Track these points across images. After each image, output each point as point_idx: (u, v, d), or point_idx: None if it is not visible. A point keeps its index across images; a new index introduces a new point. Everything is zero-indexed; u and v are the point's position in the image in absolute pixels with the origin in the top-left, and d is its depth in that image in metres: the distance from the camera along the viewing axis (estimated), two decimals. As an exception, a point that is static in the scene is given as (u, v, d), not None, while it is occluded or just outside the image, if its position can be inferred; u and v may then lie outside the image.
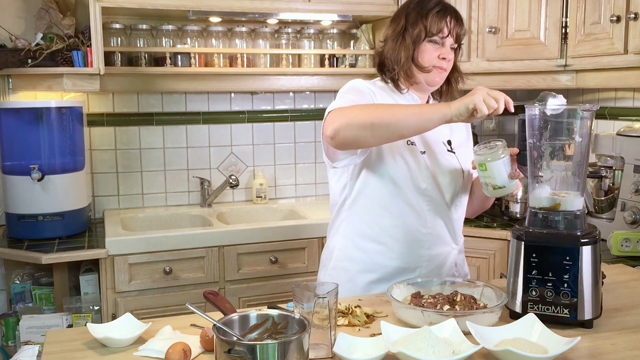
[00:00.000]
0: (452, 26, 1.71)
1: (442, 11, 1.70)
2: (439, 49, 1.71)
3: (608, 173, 2.46)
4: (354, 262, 1.79)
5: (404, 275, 1.73)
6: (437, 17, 1.69)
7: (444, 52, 1.71)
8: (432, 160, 1.75)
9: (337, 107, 1.59)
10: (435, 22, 1.69)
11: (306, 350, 1.14)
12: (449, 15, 1.71)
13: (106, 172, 3.00)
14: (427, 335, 1.21)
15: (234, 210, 3.07)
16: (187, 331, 1.41)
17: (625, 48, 2.32)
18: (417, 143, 1.74)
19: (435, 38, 1.70)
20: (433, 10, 1.70)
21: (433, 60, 1.71)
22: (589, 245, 1.38)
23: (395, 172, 1.71)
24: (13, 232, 2.59)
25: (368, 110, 1.56)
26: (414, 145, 1.73)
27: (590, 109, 1.42)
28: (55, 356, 1.30)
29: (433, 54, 1.70)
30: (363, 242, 1.77)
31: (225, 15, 2.84)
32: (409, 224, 1.73)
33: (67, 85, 2.58)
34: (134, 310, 2.37)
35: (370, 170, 1.72)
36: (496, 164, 1.58)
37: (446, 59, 1.71)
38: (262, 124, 3.22)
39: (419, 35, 1.70)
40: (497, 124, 3.50)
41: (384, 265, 1.76)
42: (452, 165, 1.78)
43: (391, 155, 1.71)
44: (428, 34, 1.69)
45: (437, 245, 1.77)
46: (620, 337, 1.35)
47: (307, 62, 3.05)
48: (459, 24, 1.73)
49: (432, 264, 1.77)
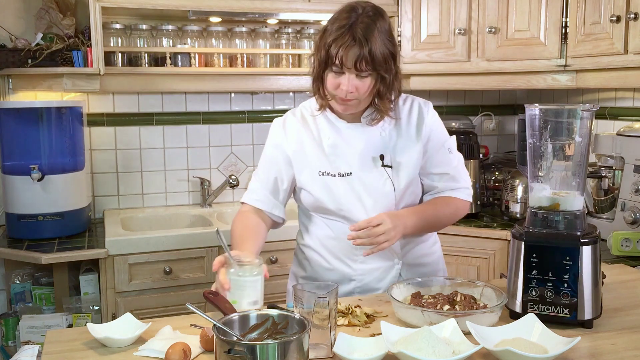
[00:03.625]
0: (349, 55, 1.52)
1: (340, 38, 1.52)
2: (339, 79, 1.57)
3: (608, 173, 2.46)
4: (302, 268, 1.87)
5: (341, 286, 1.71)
6: (335, 46, 1.52)
7: (344, 83, 1.56)
8: (353, 182, 1.70)
9: (251, 181, 1.82)
10: (332, 50, 1.53)
11: (306, 350, 1.14)
12: (347, 42, 1.51)
13: (106, 172, 3.00)
14: (427, 335, 1.22)
15: (234, 210, 3.05)
16: (187, 331, 1.41)
17: (625, 48, 2.32)
18: (342, 164, 1.70)
19: (335, 67, 1.56)
20: (333, 34, 1.54)
21: (332, 91, 1.60)
22: (589, 245, 1.38)
23: (311, 201, 1.76)
24: (13, 232, 2.58)
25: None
26: (328, 175, 1.71)
27: (590, 109, 1.42)
28: (55, 356, 1.30)
29: (333, 83, 1.59)
30: (307, 250, 1.84)
31: (225, 15, 2.84)
32: (341, 238, 1.72)
33: (67, 85, 2.58)
34: (134, 310, 2.36)
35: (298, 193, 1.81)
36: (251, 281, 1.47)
37: (345, 90, 1.57)
38: (262, 124, 3.21)
39: (321, 61, 1.58)
40: (497, 124, 3.50)
41: (323, 274, 1.80)
42: (380, 183, 1.70)
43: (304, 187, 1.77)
44: (328, 62, 1.56)
45: (372, 261, 1.74)
46: (620, 337, 1.35)
47: (307, 62, 3.05)
48: (361, 49, 1.51)
49: (368, 278, 1.76)
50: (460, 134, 2.79)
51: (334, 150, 1.72)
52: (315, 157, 1.74)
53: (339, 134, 1.73)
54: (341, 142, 1.72)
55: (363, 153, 1.71)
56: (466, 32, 2.78)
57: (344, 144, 1.72)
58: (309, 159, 1.74)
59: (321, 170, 1.72)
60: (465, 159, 2.90)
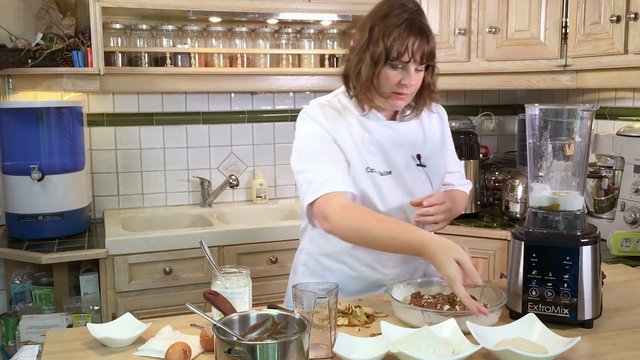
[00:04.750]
0: (415, 48, 1.53)
1: (405, 31, 1.52)
2: (400, 74, 1.56)
3: (608, 173, 2.46)
4: (317, 278, 1.75)
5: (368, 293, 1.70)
6: (399, 38, 1.51)
7: (406, 78, 1.56)
8: (396, 181, 1.67)
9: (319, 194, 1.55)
10: (397, 44, 1.52)
11: (306, 350, 1.14)
12: (413, 35, 1.52)
13: (106, 172, 3.00)
14: (427, 335, 1.21)
15: (234, 210, 3.07)
16: (187, 331, 1.41)
17: (625, 48, 2.32)
18: (381, 162, 1.66)
19: (397, 62, 1.54)
20: (397, 29, 1.52)
21: (393, 87, 1.57)
22: (589, 245, 1.38)
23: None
24: (13, 232, 2.59)
25: (356, 233, 1.52)
26: (375, 172, 1.65)
27: (590, 109, 1.42)
28: (55, 356, 1.30)
29: (393, 79, 1.56)
30: (327, 260, 1.75)
31: (225, 15, 2.84)
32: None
33: (67, 85, 2.58)
34: (134, 310, 2.37)
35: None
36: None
37: (407, 85, 1.57)
38: (262, 124, 3.22)
39: (380, 56, 1.54)
40: (497, 124, 3.51)
41: (348, 283, 1.71)
42: (419, 183, 1.70)
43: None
44: (389, 57, 1.53)
45: (403, 264, 1.73)
46: (620, 337, 1.35)
47: (307, 62, 3.05)
48: (424, 43, 1.54)
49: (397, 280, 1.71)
50: (460, 134, 2.79)
51: (374, 147, 1.66)
52: (357, 153, 1.65)
53: (378, 132, 1.67)
54: (381, 139, 1.66)
55: (402, 152, 1.68)
56: (466, 32, 2.78)
57: (384, 141, 1.66)
58: (352, 153, 1.65)
59: (369, 166, 1.65)
60: (465, 159, 2.92)
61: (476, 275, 1.36)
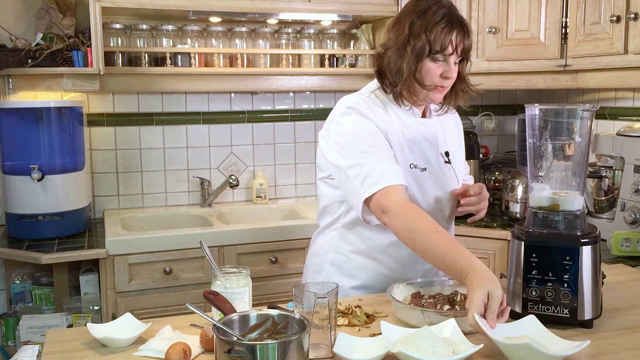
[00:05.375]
0: (457, 42, 1.59)
1: (448, 25, 1.58)
2: (441, 67, 1.61)
3: (608, 173, 2.46)
4: (350, 277, 1.74)
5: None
6: (442, 32, 1.57)
7: (448, 70, 1.61)
8: (432, 177, 1.70)
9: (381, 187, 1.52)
10: (440, 38, 1.57)
11: (306, 350, 1.14)
12: (456, 29, 1.59)
13: (106, 172, 3.00)
14: (427, 335, 1.21)
15: (234, 210, 3.07)
16: (187, 331, 1.41)
17: (625, 48, 2.32)
18: (419, 159, 1.68)
19: (439, 55, 1.59)
20: (439, 24, 1.57)
21: (435, 79, 1.62)
22: (589, 245, 1.38)
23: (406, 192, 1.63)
24: (13, 232, 2.58)
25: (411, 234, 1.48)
26: (417, 168, 1.68)
27: (590, 109, 1.42)
28: (55, 356, 1.30)
29: (436, 72, 1.61)
30: (360, 258, 1.73)
31: (225, 15, 2.83)
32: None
33: (67, 85, 2.58)
34: (134, 310, 2.36)
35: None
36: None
37: (449, 77, 1.62)
38: (262, 124, 3.21)
39: (422, 50, 1.58)
40: (497, 124, 3.50)
41: (379, 280, 1.72)
42: (450, 179, 1.74)
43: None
44: (432, 50, 1.58)
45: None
46: (620, 337, 1.35)
47: (307, 62, 3.05)
48: (465, 36, 1.61)
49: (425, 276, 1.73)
50: (460, 134, 2.79)
51: (412, 144, 1.68)
52: (400, 149, 1.66)
53: (414, 128, 1.69)
54: (417, 135, 1.69)
55: (435, 148, 1.71)
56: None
57: (420, 138, 1.69)
58: (397, 149, 1.66)
59: (412, 162, 1.67)
60: (466, 159, 2.91)
61: (493, 318, 1.26)
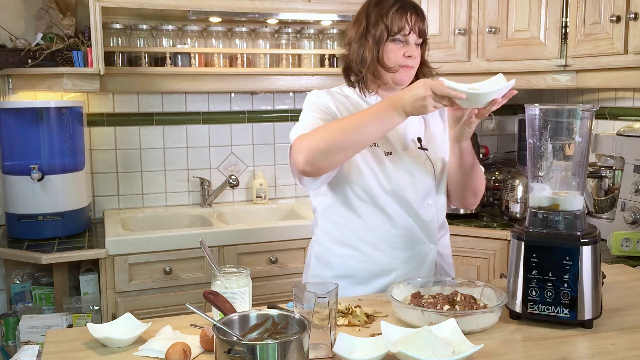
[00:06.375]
0: (413, 22, 1.68)
1: (401, 8, 1.68)
2: (403, 48, 1.69)
3: (608, 173, 2.46)
4: (330, 268, 1.78)
5: (380, 279, 1.73)
6: (397, 14, 1.67)
7: (409, 49, 1.69)
8: (398, 161, 1.73)
9: (298, 135, 1.62)
10: (396, 20, 1.67)
11: (306, 350, 1.14)
12: (409, 11, 1.68)
13: (106, 172, 3.00)
14: (427, 335, 1.21)
15: (234, 210, 3.07)
16: (187, 331, 1.41)
17: (625, 48, 2.32)
18: (381, 144, 1.72)
19: (398, 36, 1.68)
20: (392, 8, 1.68)
21: (398, 60, 1.69)
22: (589, 245, 1.38)
23: (359, 178, 1.71)
24: (13, 232, 2.59)
25: (329, 132, 1.56)
26: (377, 146, 1.71)
27: (590, 109, 1.42)
28: (55, 356, 1.30)
29: (397, 53, 1.68)
30: (336, 247, 1.77)
31: (225, 15, 2.84)
32: (379, 227, 1.72)
33: (67, 85, 2.58)
34: (134, 310, 2.36)
35: (337, 178, 1.72)
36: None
37: (412, 56, 1.69)
38: (262, 124, 3.22)
39: (381, 35, 1.68)
40: (497, 124, 3.50)
41: (358, 269, 1.75)
42: (421, 164, 1.76)
43: (355, 162, 1.70)
44: (390, 33, 1.67)
45: (411, 247, 1.75)
46: (620, 337, 1.35)
47: (307, 62, 3.05)
48: (420, 18, 1.70)
49: (409, 266, 1.75)
50: (460, 134, 2.79)
51: None
52: None
53: None
54: None
55: (402, 134, 1.75)
56: (466, 32, 2.78)
57: None
58: None
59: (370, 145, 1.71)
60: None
61: (452, 91, 1.43)
